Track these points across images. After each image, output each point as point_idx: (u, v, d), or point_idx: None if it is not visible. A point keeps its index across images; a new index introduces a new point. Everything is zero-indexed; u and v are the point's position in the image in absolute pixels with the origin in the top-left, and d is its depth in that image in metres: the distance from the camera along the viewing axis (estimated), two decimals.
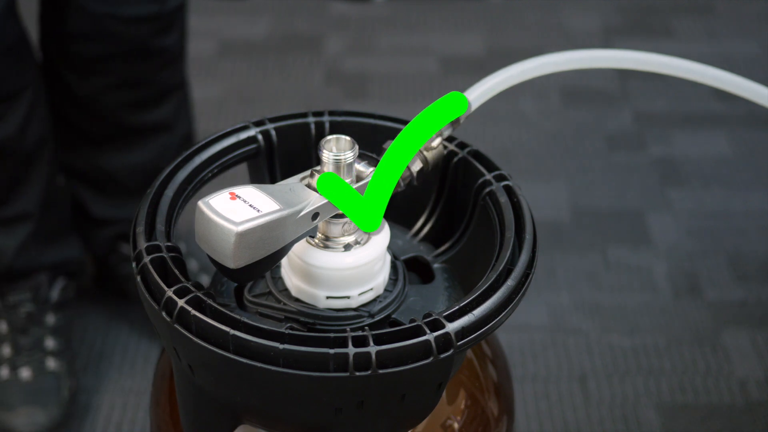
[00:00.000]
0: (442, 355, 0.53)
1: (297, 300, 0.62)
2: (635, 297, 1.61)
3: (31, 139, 1.28)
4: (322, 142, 0.58)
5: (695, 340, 1.53)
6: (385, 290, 0.63)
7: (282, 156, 0.69)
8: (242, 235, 0.54)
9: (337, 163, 0.58)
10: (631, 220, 1.77)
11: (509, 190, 0.65)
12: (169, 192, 0.63)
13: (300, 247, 0.61)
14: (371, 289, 0.61)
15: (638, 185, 1.86)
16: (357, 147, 0.59)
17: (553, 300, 1.60)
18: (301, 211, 0.57)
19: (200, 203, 0.55)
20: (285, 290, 0.63)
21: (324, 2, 2.43)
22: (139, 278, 0.58)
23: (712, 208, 1.80)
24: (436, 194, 0.69)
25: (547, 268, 1.65)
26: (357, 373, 0.52)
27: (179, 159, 0.66)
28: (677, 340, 1.53)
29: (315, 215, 0.58)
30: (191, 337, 0.54)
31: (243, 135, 0.68)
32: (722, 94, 2.13)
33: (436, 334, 0.53)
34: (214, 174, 0.68)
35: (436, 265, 0.67)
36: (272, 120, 0.69)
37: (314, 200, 0.58)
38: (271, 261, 0.57)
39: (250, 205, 0.55)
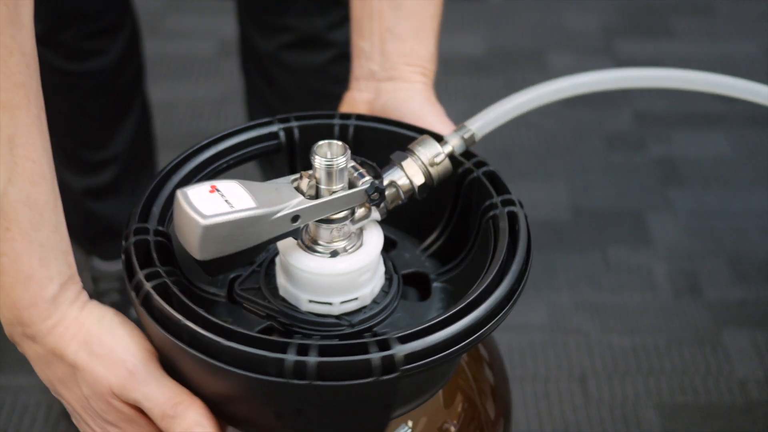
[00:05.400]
0: (385, 377, 0.51)
1: (283, 299, 0.61)
2: (635, 297, 1.61)
3: (128, 75, 1.31)
4: (315, 146, 0.57)
5: (695, 340, 1.53)
6: (373, 302, 0.61)
7: (303, 155, 0.68)
8: (209, 229, 0.54)
9: (329, 169, 0.57)
10: (631, 220, 1.77)
11: (512, 217, 0.62)
12: (175, 178, 0.64)
13: (288, 247, 0.60)
14: (356, 298, 0.60)
15: (638, 185, 1.86)
16: (349, 152, 0.58)
17: (553, 300, 1.60)
18: (278, 212, 0.56)
19: (178, 192, 0.55)
20: (275, 287, 0.63)
21: None
22: (123, 256, 0.59)
23: (712, 208, 1.80)
24: (449, 211, 0.68)
25: (547, 268, 1.65)
26: (294, 381, 0.51)
27: (195, 147, 0.66)
28: (677, 340, 1.53)
29: (295, 218, 0.57)
30: (152, 321, 0.55)
31: (265, 130, 0.68)
32: (722, 94, 2.13)
33: (381, 354, 0.51)
34: (230, 165, 0.67)
35: (435, 284, 0.66)
36: (298, 118, 0.69)
37: (295, 203, 0.57)
38: (245, 257, 0.57)
39: (225, 200, 0.55)
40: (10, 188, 0.56)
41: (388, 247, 0.68)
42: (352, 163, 0.60)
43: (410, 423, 0.61)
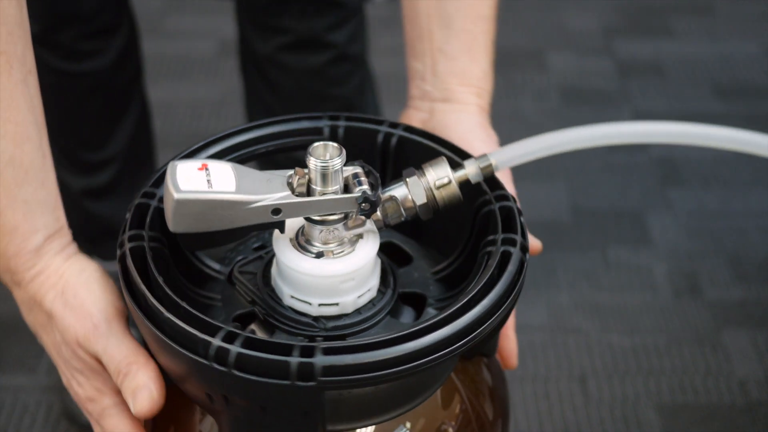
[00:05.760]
0: (302, 383, 0.51)
1: (272, 290, 0.62)
2: (635, 297, 1.61)
3: (126, 75, 1.31)
4: (310, 148, 0.57)
5: (695, 340, 1.53)
6: (356, 311, 0.61)
7: (346, 155, 0.68)
8: (180, 204, 0.55)
9: (323, 171, 0.57)
10: (631, 220, 1.77)
11: (504, 257, 0.59)
12: (203, 155, 0.65)
13: (280, 239, 0.60)
14: (336, 304, 0.60)
15: (638, 185, 1.86)
16: (345, 155, 0.58)
17: (553, 300, 1.60)
18: (257, 201, 0.57)
19: (170, 163, 0.57)
20: (269, 277, 0.63)
21: None
22: (127, 215, 0.62)
23: (712, 208, 1.80)
24: (465, 239, 0.66)
25: (547, 268, 1.65)
26: (215, 366, 0.52)
27: (237, 128, 0.67)
28: (677, 340, 1.53)
29: (276, 210, 0.57)
30: (122, 280, 0.58)
31: (311, 124, 0.68)
32: (722, 94, 2.14)
33: (300, 360, 0.51)
34: (269, 151, 0.68)
35: (430, 309, 0.64)
36: (348, 118, 0.69)
37: (278, 196, 0.57)
38: (224, 238, 0.58)
39: (208, 180, 0.56)
40: None
41: (402, 262, 0.68)
42: (357, 170, 0.59)
43: (408, 424, 0.61)
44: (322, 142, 0.58)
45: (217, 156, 0.66)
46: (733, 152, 2.14)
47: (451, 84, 0.75)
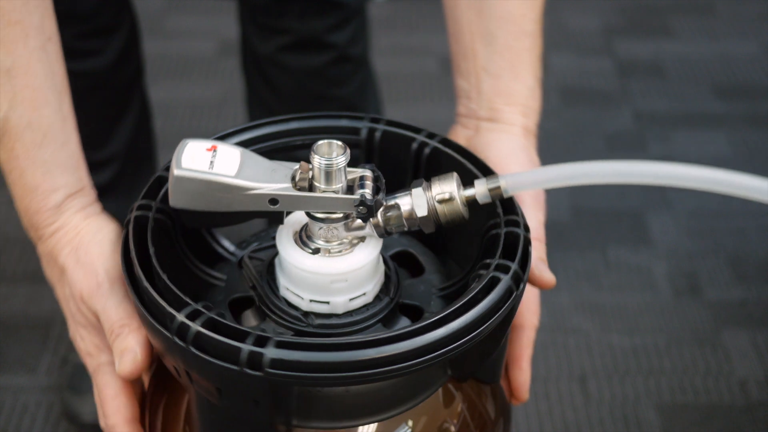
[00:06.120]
0: (250, 371, 0.52)
1: (273, 278, 0.62)
2: (635, 297, 1.61)
3: (126, 75, 1.32)
4: (315, 146, 0.57)
5: (695, 340, 1.53)
6: (347, 313, 0.61)
7: (380, 159, 0.68)
8: (179, 180, 0.57)
9: (325, 168, 0.57)
10: (631, 220, 1.77)
11: (491, 283, 0.58)
12: (234, 140, 0.66)
13: (283, 229, 0.61)
14: (327, 302, 0.60)
15: (638, 185, 1.86)
16: (348, 153, 0.58)
17: (553, 300, 1.60)
18: (254, 189, 0.57)
19: (182, 140, 0.59)
20: (274, 265, 0.63)
21: None
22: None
23: (712, 208, 1.80)
24: (473, 259, 0.65)
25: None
26: (176, 340, 0.53)
27: (279, 118, 0.68)
28: (677, 340, 1.53)
29: (273, 201, 0.58)
30: (121, 246, 0.60)
31: (351, 123, 0.68)
32: (722, 94, 2.14)
33: (251, 348, 0.52)
34: (305, 144, 0.68)
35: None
36: (388, 123, 0.69)
37: (276, 187, 0.57)
38: (223, 219, 0.59)
39: (211, 161, 0.58)
40: (12, 114, 0.63)
41: (415, 272, 0.68)
42: (366, 173, 0.59)
43: (410, 422, 0.61)
44: (327, 140, 0.58)
45: (249, 143, 0.67)
46: (732, 151, 2.13)
47: (497, 104, 0.75)
